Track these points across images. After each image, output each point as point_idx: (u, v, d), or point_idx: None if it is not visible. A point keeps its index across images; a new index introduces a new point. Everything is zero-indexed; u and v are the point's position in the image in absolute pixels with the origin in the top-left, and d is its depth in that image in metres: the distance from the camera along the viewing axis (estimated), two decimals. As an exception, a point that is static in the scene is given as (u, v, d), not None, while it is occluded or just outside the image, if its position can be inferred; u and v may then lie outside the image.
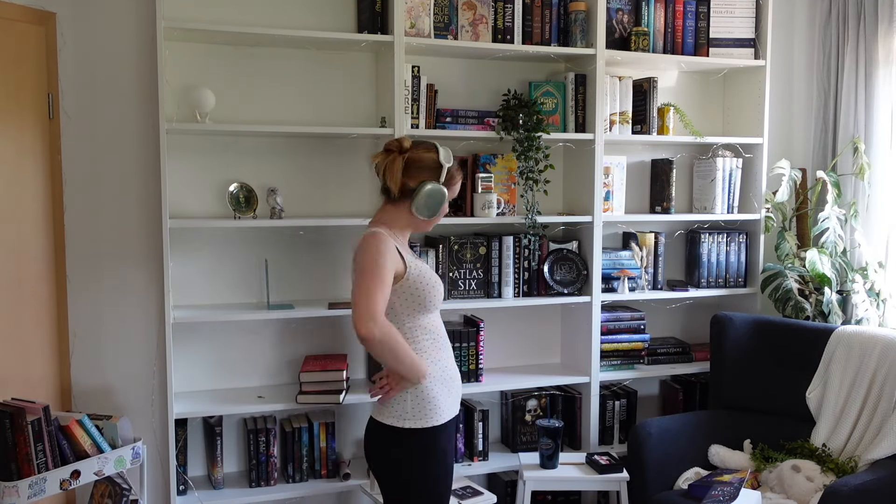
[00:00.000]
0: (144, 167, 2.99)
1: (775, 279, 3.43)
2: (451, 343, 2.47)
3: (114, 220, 2.99)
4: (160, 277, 2.86)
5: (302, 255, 3.21)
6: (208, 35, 2.92)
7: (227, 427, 3.11)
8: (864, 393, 3.03)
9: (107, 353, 3.02)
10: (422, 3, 3.07)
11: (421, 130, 3.09)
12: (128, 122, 2.98)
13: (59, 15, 2.86)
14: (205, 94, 2.86)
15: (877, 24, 3.49)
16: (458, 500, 2.93)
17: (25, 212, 2.77)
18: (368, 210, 3.27)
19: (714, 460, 3.12)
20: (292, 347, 3.24)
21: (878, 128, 3.52)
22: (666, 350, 3.60)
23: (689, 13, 3.48)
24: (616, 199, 3.44)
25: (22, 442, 2.34)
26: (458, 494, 2.97)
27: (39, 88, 2.81)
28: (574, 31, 3.27)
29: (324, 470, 3.11)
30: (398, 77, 3.00)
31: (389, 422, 2.28)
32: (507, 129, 3.19)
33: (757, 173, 3.62)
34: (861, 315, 3.39)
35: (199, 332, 3.09)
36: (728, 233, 3.63)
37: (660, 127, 3.49)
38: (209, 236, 3.09)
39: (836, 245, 3.46)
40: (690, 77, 3.76)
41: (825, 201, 3.50)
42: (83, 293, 2.97)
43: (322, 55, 3.17)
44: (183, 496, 2.95)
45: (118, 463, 2.59)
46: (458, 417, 2.50)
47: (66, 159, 2.91)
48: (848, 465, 2.90)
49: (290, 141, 3.16)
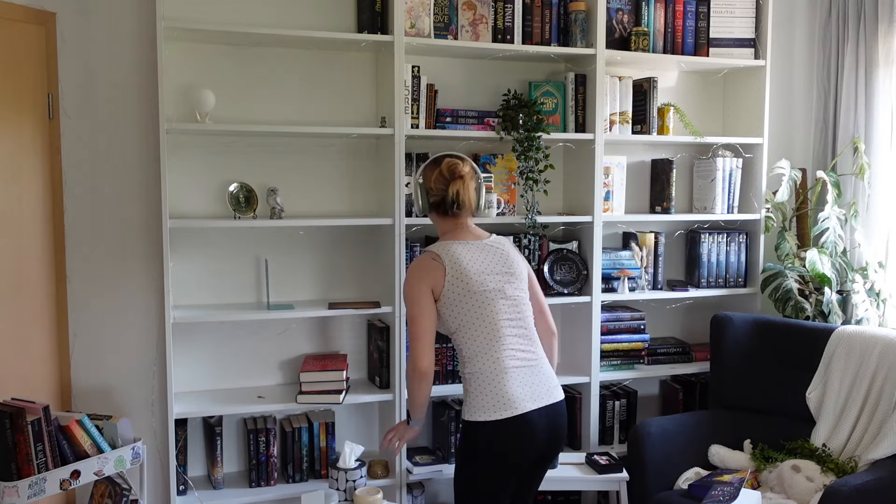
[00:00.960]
0: (144, 167, 2.99)
1: (775, 279, 3.43)
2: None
3: (114, 220, 2.99)
4: (160, 277, 2.86)
5: (302, 255, 3.21)
6: (208, 35, 2.92)
7: (227, 427, 3.11)
8: (864, 393, 3.02)
9: (107, 353, 3.02)
10: (422, 3, 3.07)
11: (421, 130, 3.09)
12: (128, 122, 2.98)
13: (59, 15, 2.86)
14: (205, 94, 2.86)
15: (877, 24, 3.49)
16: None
17: (25, 212, 2.77)
18: (368, 210, 3.28)
19: (714, 460, 3.12)
20: (292, 347, 3.24)
21: (878, 128, 3.52)
22: (666, 350, 3.60)
23: (689, 13, 3.48)
24: (616, 199, 3.44)
25: (22, 442, 2.34)
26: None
27: (39, 88, 2.81)
28: (574, 31, 3.27)
29: (324, 470, 3.12)
30: (398, 77, 3.00)
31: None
32: (507, 129, 3.19)
33: (757, 173, 3.62)
34: (861, 315, 3.39)
35: (199, 332, 3.09)
36: (728, 233, 3.63)
37: (660, 127, 3.49)
38: (209, 236, 3.09)
39: (836, 245, 3.46)
40: (690, 77, 3.76)
41: (825, 201, 3.50)
42: (83, 293, 2.97)
43: (322, 55, 3.17)
44: (183, 496, 2.95)
45: (118, 463, 2.59)
46: (522, 424, 2.34)
47: (66, 159, 2.91)
48: (848, 465, 2.90)
49: (290, 141, 3.16)
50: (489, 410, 2.32)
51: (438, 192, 2.47)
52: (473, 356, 2.38)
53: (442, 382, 3.21)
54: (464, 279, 2.37)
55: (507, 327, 2.39)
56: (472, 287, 2.37)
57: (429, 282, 2.37)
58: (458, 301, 2.38)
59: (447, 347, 3.21)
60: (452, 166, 2.47)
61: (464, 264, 2.38)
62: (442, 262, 2.38)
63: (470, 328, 2.38)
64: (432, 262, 2.39)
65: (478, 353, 2.37)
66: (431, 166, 2.52)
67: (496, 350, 2.37)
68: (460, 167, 2.48)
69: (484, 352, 2.37)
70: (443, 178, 2.47)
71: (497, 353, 2.36)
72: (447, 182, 2.46)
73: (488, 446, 2.33)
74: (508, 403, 2.31)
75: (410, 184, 2.51)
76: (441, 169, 2.48)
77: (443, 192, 2.46)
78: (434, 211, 2.52)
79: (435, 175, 2.49)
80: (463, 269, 2.38)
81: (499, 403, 2.32)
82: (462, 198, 2.45)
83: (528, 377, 2.38)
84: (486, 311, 2.38)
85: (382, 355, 3.15)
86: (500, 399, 2.32)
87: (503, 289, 2.41)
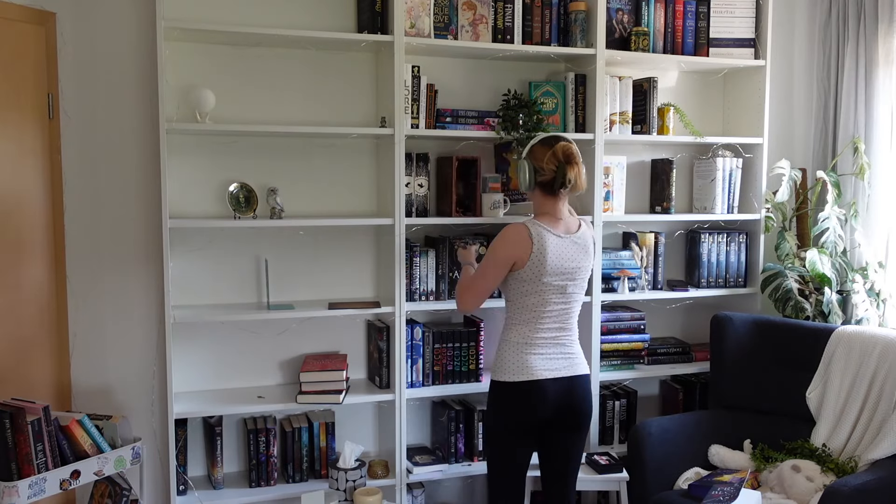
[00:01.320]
0: (144, 167, 2.99)
1: (775, 279, 3.43)
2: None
3: (114, 220, 2.99)
4: (160, 277, 2.86)
5: (302, 255, 3.21)
6: (208, 35, 2.92)
7: (227, 427, 3.11)
8: (864, 393, 3.02)
9: (107, 353, 3.02)
10: (422, 3, 3.07)
11: (421, 130, 3.09)
12: (128, 122, 2.98)
13: (59, 15, 2.86)
14: (205, 94, 2.86)
15: (877, 24, 3.49)
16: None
17: (25, 212, 2.77)
18: (368, 210, 3.28)
19: (714, 460, 3.12)
20: (292, 347, 3.24)
21: (878, 128, 3.52)
22: (666, 350, 3.60)
23: (689, 13, 3.48)
24: (616, 199, 3.44)
25: (22, 442, 2.34)
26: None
27: (39, 88, 2.81)
28: (574, 31, 3.27)
29: (324, 470, 3.12)
30: (398, 77, 3.00)
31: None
32: (507, 129, 3.19)
33: (757, 173, 3.62)
34: (861, 315, 3.39)
35: (199, 332, 3.09)
36: (728, 233, 3.63)
37: (660, 127, 3.49)
38: (209, 236, 3.09)
39: (836, 245, 3.46)
40: (690, 77, 3.76)
41: (825, 201, 3.50)
42: (83, 293, 2.97)
43: (322, 55, 3.17)
44: (183, 496, 2.95)
45: (118, 463, 2.59)
46: (534, 387, 2.64)
47: (66, 159, 2.91)
48: (848, 465, 2.90)
49: (290, 141, 3.16)
50: (510, 374, 2.63)
51: (549, 172, 2.64)
52: (513, 326, 2.69)
53: (442, 382, 3.22)
54: (539, 270, 2.60)
55: (550, 315, 2.66)
56: (542, 278, 2.61)
57: (516, 255, 2.61)
58: (524, 281, 2.63)
59: (447, 348, 3.21)
60: (567, 150, 2.65)
61: (547, 258, 2.60)
62: (532, 247, 2.59)
63: (521, 303, 2.66)
64: (528, 241, 2.60)
65: (517, 325, 2.67)
66: (542, 147, 2.67)
67: (532, 331, 2.65)
68: (576, 152, 2.67)
69: (523, 327, 2.66)
70: (556, 159, 2.63)
71: (532, 333, 2.65)
72: (561, 164, 2.62)
73: (506, 402, 2.66)
74: (527, 371, 2.62)
75: (520, 159, 2.72)
76: (555, 150, 2.64)
77: (553, 172, 2.63)
78: (540, 188, 2.68)
79: (548, 156, 2.64)
80: (544, 262, 2.59)
81: (519, 370, 2.63)
82: (577, 181, 2.66)
83: (551, 355, 2.66)
84: (540, 299, 2.64)
85: (382, 355, 3.15)
86: (521, 367, 2.63)
87: (565, 286, 2.66)
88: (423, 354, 3.18)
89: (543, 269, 2.60)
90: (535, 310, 2.64)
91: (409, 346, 3.14)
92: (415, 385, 3.17)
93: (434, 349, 3.20)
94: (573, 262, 2.65)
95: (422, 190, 3.14)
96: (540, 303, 2.64)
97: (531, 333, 2.65)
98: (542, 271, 2.60)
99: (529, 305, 2.65)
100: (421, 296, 3.18)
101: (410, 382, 3.16)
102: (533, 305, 2.64)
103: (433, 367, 3.20)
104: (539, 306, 2.64)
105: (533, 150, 2.69)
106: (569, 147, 2.66)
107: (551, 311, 2.65)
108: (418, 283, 3.17)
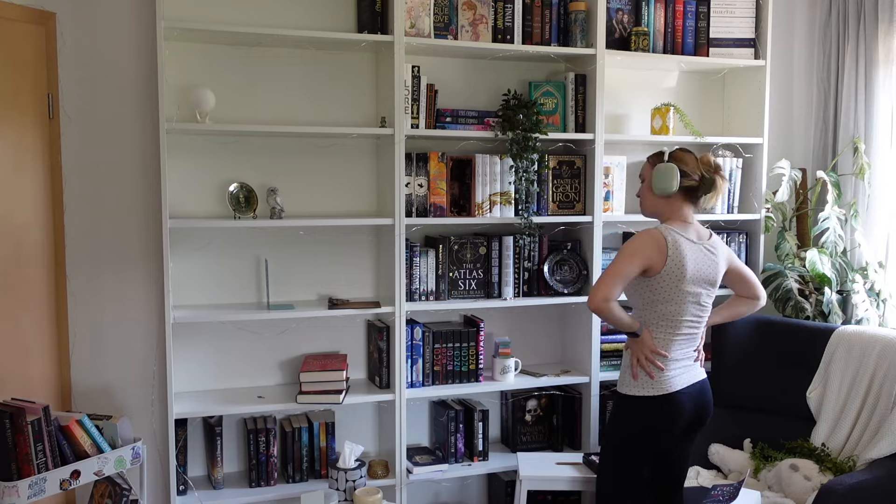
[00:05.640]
0: (144, 167, 2.99)
1: (775, 279, 3.43)
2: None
3: (114, 220, 2.99)
4: (160, 277, 2.86)
5: (302, 255, 3.21)
6: (208, 35, 2.92)
7: (227, 427, 3.11)
8: (863, 392, 3.03)
9: (107, 353, 3.02)
10: (422, 3, 3.07)
11: (421, 130, 3.09)
12: (128, 122, 2.98)
13: (59, 15, 2.86)
14: (205, 94, 2.86)
15: (877, 24, 3.49)
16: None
17: (25, 212, 2.77)
18: (368, 210, 3.28)
19: (714, 459, 3.12)
20: (292, 347, 3.24)
21: (878, 128, 3.52)
22: (666, 350, 3.60)
23: (689, 13, 3.48)
24: (616, 199, 3.44)
25: (22, 442, 2.34)
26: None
27: (39, 88, 2.81)
28: (574, 31, 3.27)
29: (324, 470, 3.12)
30: (398, 77, 3.00)
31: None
32: (505, 129, 3.19)
33: (757, 173, 3.62)
34: (861, 315, 3.39)
35: (199, 332, 3.09)
36: (728, 233, 3.63)
37: (660, 127, 3.49)
38: (209, 236, 3.09)
39: (836, 245, 3.46)
40: (690, 77, 3.76)
41: (825, 201, 3.50)
42: (83, 293, 2.97)
43: (322, 55, 3.17)
44: (183, 496, 2.96)
45: (118, 463, 2.59)
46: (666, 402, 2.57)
47: (66, 159, 2.91)
48: (846, 465, 2.91)
49: (290, 141, 3.16)
50: (642, 388, 2.55)
51: (696, 179, 2.59)
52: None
53: (442, 382, 3.22)
54: (677, 278, 2.52)
55: (685, 327, 2.58)
56: (679, 286, 2.52)
57: (650, 260, 2.50)
58: (660, 289, 2.53)
59: (447, 348, 3.21)
60: (710, 160, 2.63)
61: (685, 265, 2.52)
62: (667, 253, 2.50)
63: (654, 313, 2.57)
64: (664, 246, 2.51)
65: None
66: (684, 154, 2.63)
67: (666, 342, 2.56)
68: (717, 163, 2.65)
69: (656, 338, 2.57)
70: (704, 167, 2.61)
71: (666, 344, 2.56)
72: (710, 172, 2.60)
73: (637, 418, 2.58)
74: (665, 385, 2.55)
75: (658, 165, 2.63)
76: (701, 159, 2.62)
77: (699, 178, 2.59)
78: (682, 193, 2.61)
79: (695, 163, 2.61)
80: (681, 270, 2.51)
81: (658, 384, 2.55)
82: (720, 189, 2.62)
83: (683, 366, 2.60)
84: (676, 308, 2.55)
85: (382, 355, 3.15)
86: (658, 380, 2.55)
87: (699, 295, 2.58)
88: (423, 354, 3.18)
89: (681, 278, 2.51)
90: (671, 321, 2.55)
91: (409, 346, 3.14)
92: (415, 385, 3.18)
93: (434, 349, 3.20)
94: (708, 265, 2.58)
95: (422, 190, 3.14)
96: (677, 313, 2.54)
97: (666, 346, 2.55)
98: (678, 283, 2.51)
99: (664, 316, 2.55)
100: (421, 296, 3.18)
101: (410, 382, 3.16)
102: (669, 315, 2.54)
103: (433, 367, 3.21)
104: (676, 316, 2.54)
105: (676, 155, 2.64)
106: (710, 157, 2.65)
107: (687, 322, 2.57)
108: (418, 283, 3.17)
